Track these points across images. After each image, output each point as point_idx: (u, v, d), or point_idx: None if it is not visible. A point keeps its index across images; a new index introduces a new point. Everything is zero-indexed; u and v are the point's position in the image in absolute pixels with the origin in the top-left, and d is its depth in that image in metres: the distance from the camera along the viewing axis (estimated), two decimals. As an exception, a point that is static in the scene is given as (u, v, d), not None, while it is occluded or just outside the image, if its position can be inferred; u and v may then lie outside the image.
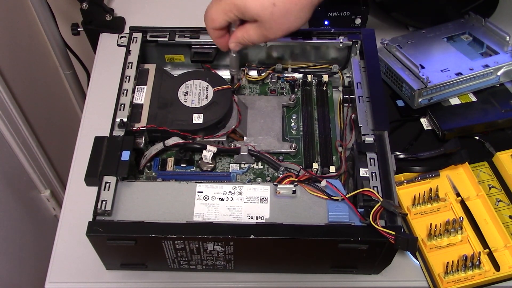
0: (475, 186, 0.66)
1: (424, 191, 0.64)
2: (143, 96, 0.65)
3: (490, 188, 0.67)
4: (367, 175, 0.57)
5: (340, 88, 0.72)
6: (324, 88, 0.72)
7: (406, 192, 0.65)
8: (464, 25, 0.79)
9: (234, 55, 0.64)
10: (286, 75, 0.73)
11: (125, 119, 0.61)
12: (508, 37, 0.74)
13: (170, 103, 0.66)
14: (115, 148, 0.58)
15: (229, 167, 0.64)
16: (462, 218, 0.62)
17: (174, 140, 0.63)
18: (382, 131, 0.60)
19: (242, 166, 0.64)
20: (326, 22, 0.82)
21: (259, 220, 0.54)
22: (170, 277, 0.61)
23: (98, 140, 0.59)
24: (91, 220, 0.53)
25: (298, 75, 0.73)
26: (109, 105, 0.63)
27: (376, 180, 0.56)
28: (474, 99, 0.74)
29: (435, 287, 0.59)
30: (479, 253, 0.59)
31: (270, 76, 0.73)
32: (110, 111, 0.62)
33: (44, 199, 1.06)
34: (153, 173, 0.64)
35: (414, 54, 0.73)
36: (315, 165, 0.63)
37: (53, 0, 0.93)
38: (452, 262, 0.59)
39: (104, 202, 0.54)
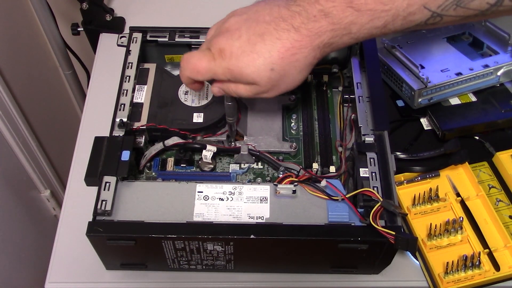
0: (475, 186, 0.66)
1: (424, 191, 0.64)
2: (143, 95, 0.65)
3: (490, 188, 0.67)
4: (367, 175, 0.57)
5: (340, 88, 0.72)
6: (324, 88, 0.72)
7: (406, 192, 0.65)
8: (464, 25, 0.79)
9: (229, 103, 0.59)
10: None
11: (125, 119, 0.61)
12: (508, 37, 0.74)
13: (170, 102, 0.66)
14: (115, 148, 0.58)
15: (229, 167, 0.65)
16: (462, 218, 0.62)
17: (174, 140, 0.63)
18: (382, 131, 0.60)
19: (242, 166, 0.64)
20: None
21: (259, 220, 0.54)
22: (170, 277, 0.61)
23: (98, 140, 0.59)
24: (91, 220, 0.53)
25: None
26: (109, 105, 0.63)
27: (376, 180, 0.56)
28: (474, 99, 0.74)
29: (435, 287, 0.59)
30: (479, 253, 0.59)
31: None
32: (110, 111, 0.62)
33: (44, 199, 1.06)
34: (153, 173, 0.64)
35: (414, 54, 0.73)
36: (315, 165, 0.63)
37: (53, 0, 0.93)
38: (452, 262, 0.59)
39: (104, 202, 0.54)
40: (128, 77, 0.65)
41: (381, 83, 0.65)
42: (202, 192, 0.56)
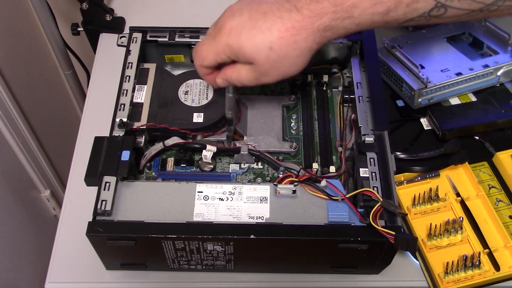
0: (475, 186, 0.66)
1: (424, 191, 0.64)
2: (143, 95, 0.65)
3: (490, 188, 0.67)
4: (367, 175, 0.57)
5: (340, 88, 0.72)
6: (324, 88, 0.72)
7: (406, 192, 0.65)
8: (464, 25, 0.79)
9: (230, 95, 0.59)
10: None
11: (125, 119, 0.61)
12: (508, 37, 0.74)
13: (170, 102, 0.66)
14: (115, 148, 0.58)
15: (229, 167, 0.65)
16: (462, 218, 0.62)
17: (174, 140, 0.63)
18: (382, 131, 0.60)
19: (242, 166, 0.64)
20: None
21: (259, 220, 0.54)
22: (170, 277, 0.61)
23: (98, 140, 0.59)
24: (91, 220, 0.53)
25: (298, 75, 0.73)
26: (109, 105, 0.63)
27: (376, 180, 0.56)
28: (474, 99, 0.74)
29: (435, 287, 0.59)
30: (479, 253, 0.59)
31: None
32: (110, 111, 0.62)
33: (44, 199, 1.06)
34: (153, 173, 0.64)
35: (414, 54, 0.73)
36: (315, 165, 0.63)
37: (53, 0, 0.93)
38: (452, 262, 0.59)
39: (104, 202, 0.54)
40: (128, 77, 0.65)
41: (381, 83, 0.65)
42: (202, 192, 0.56)
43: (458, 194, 0.65)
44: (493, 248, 0.61)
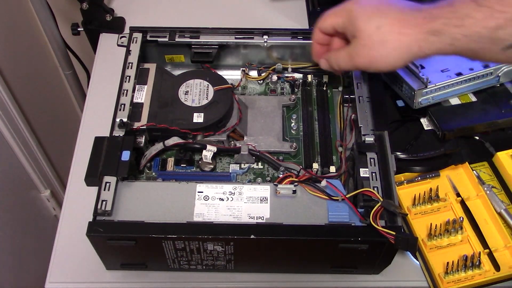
0: (475, 186, 0.66)
1: (424, 191, 0.64)
2: (143, 95, 0.65)
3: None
4: (367, 175, 0.57)
5: (340, 88, 0.72)
6: (324, 88, 0.72)
7: (406, 192, 0.65)
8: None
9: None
10: (286, 75, 0.73)
11: (125, 119, 0.61)
12: (508, 37, 0.73)
13: (170, 102, 0.66)
14: (115, 148, 0.58)
15: (229, 167, 0.65)
16: (462, 218, 0.62)
17: (174, 140, 0.63)
18: (382, 131, 0.60)
19: (242, 166, 0.64)
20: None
21: (259, 220, 0.54)
22: (170, 277, 0.61)
23: (98, 140, 0.59)
24: (91, 220, 0.53)
25: (298, 75, 0.73)
26: (109, 105, 0.63)
27: (376, 180, 0.56)
28: (474, 99, 0.73)
29: (435, 287, 0.59)
30: (479, 253, 0.59)
31: (270, 76, 0.73)
32: (110, 111, 0.62)
33: (44, 199, 1.06)
34: (153, 173, 0.64)
35: (414, 54, 0.73)
36: (315, 165, 0.63)
37: (53, 0, 0.93)
38: (452, 262, 0.59)
39: (104, 202, 0.54)
40: (128, 77, 0.65)
41: (381, 83, 0.65)
42: (202, 192, 0.56)
43: (458, 194, 0.65)
44: (493, 248, 0.61)
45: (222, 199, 0.56)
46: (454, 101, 0.73)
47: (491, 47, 0.47)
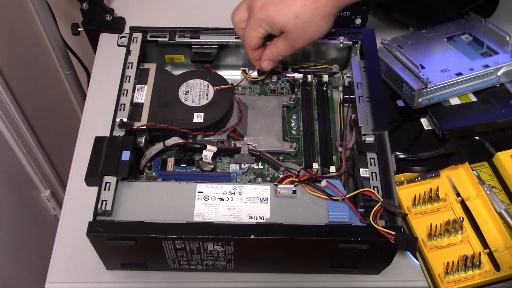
0: (475, 186, 0.66)
1: (424, 191, 0.64)
2: (143, 95, 0.65)
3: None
4: (367, 175, 0.57)
5: (340, 88, 0.72)
6: (324, 88, 0.72)
7: (406, 192, 0.65)
8: (464, 25, 0.79)
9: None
10: (286, 75, 0.73)
11: (125, 119, 0.61)
12: (508, 37, 0.74)
13: (170, 102, 0.66)
14: (115, 148, 0.58)
15: (229, 167, 0.64)
16: (462, 218, 0.62)
17: (174, 140, 0.63)
18: (382, 131, 0.60)
19: (242, 166, 0.64)
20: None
21: (259, 220, 0.54)
22: (170, 277, 0.61)
23: (98, 140, 0.59)
24: (91, 220, 0.53)
25: (298, 75, 0.73)
26: (109, 105, 0.63)
27: (376, 180, 0.56)
28: (474, 99, 0.74)
29: (435, 287, 0.59)
30: (479, 253, 0.59)
31: (270, 76, 0.73)
32: (110, 111, 0.62)
33: (44, 199, 1.06)
34: (153, 173, 0.64)
35: (414, 54, 0.73)
36: (315, 165, 0.63)
37: (53, 0, 0.93)
38: (452, 262, 0.59)
39: (104, 202, 0.54)
40: (128, 77, 0.65)
41: (381, 83, 0.65)
42: (202, 192, 0.56)
43: (458, 194, 0.65)
44: (493, 248, 0.61)
45: (222, 199, 0.56)
46: (454, 101, 0.73)
47: None
